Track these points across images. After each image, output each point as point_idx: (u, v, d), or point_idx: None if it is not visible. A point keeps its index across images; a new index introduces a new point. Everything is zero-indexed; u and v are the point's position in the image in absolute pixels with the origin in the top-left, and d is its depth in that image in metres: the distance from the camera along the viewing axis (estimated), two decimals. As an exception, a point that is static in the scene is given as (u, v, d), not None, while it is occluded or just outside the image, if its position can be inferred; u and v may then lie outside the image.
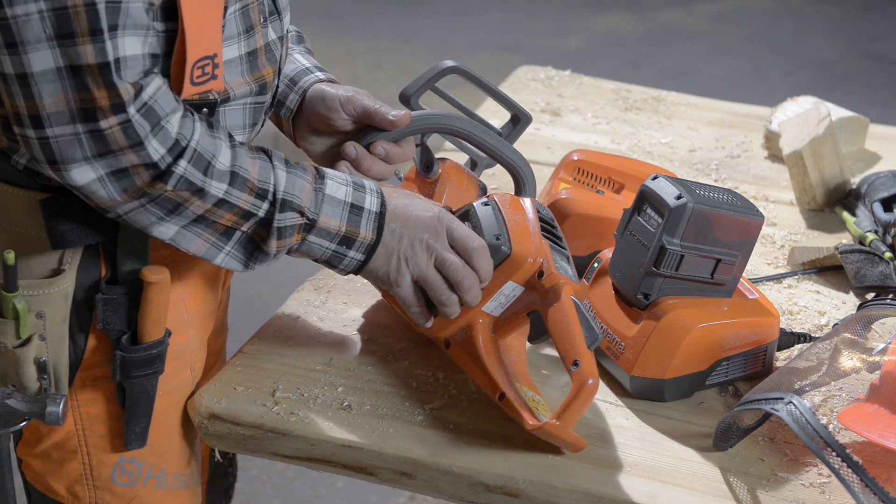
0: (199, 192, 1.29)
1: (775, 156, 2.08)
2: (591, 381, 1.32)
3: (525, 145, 2.09)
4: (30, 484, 1.51)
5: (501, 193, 1.47)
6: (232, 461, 1.76)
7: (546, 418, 1.36)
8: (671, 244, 1.43)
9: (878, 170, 1.98)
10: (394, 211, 1.39)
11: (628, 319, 1.48)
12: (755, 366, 1.51)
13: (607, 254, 1.56)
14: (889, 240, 1.75)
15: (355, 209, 1.37)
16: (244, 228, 1.33)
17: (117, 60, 1.21)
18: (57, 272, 1.36)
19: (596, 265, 1.56)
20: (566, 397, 1.34)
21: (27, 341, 1.36)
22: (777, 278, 1.74)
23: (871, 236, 1.76)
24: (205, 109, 1.36)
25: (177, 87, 1.31)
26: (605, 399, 1.49)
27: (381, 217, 1.38)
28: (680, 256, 1.44)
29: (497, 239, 1.41)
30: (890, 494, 1.26)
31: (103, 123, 1.23)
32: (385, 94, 1.58)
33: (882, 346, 1.48)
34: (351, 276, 1.46)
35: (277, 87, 1.50)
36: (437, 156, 1.59)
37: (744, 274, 1.51)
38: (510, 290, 1.42)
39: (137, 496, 1.48)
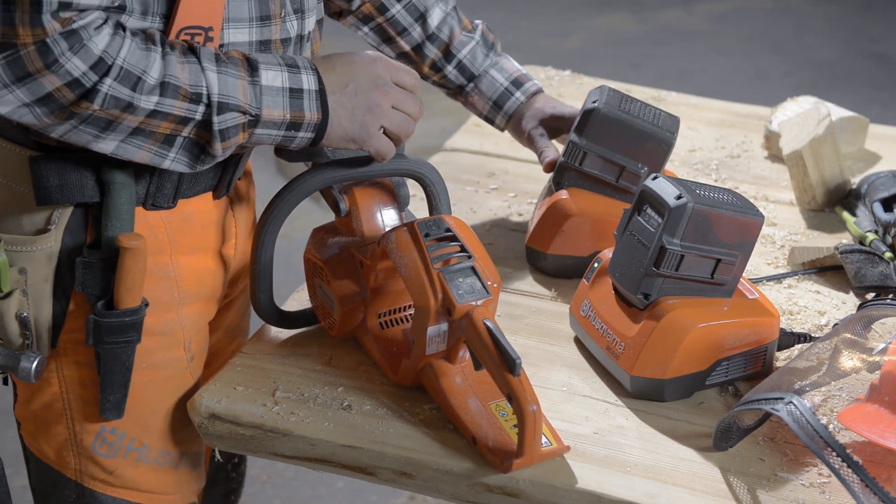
0: (129, 108, 1.28)
1: (775, 156, 2.08)
2: (532, 408, 1.33)
3: (525, 145, 2.10)
4: (27, 448, 1.53)
5: (387, 236, 1.45)
6: (237, 466, 1.75)
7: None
8: (671, 244, 1.43)
9: (878, 170, 1.98)
10: (336, 71, 1.38)
11: (628, 319, 1.48)
12: (755, 366, 1.51)
13: (607, 254, 1.56)
14: (889, 240, 1.75)
15: (295, 93, 1.36)
16: (185, 133, 1.33)
17: (57, 4, 1.22)
18: (42, 231, 1.38)
19: (596, 265, 1.56)
20: (518, 430, 1.35)
21: (8, 295, 1.37)
22: (777, 278, 1.74)
23: (871, 236, 1.76)
24: None
25: None
26: (605, 399, 1.49)
27: (321, 94, 1.37)
28: (680, 256, 1.44)
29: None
30: (890, 494, 1.26)
31: (22, 51, 1.22)
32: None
33: (882, 346, 1.48)
34: None
35: None
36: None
37: (744, 274, 1.51)
38: (435, 332, 1.43)
39: (118, 468, 1.49)
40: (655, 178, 1.47)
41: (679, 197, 1.43)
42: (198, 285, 1.50)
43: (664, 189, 1.45)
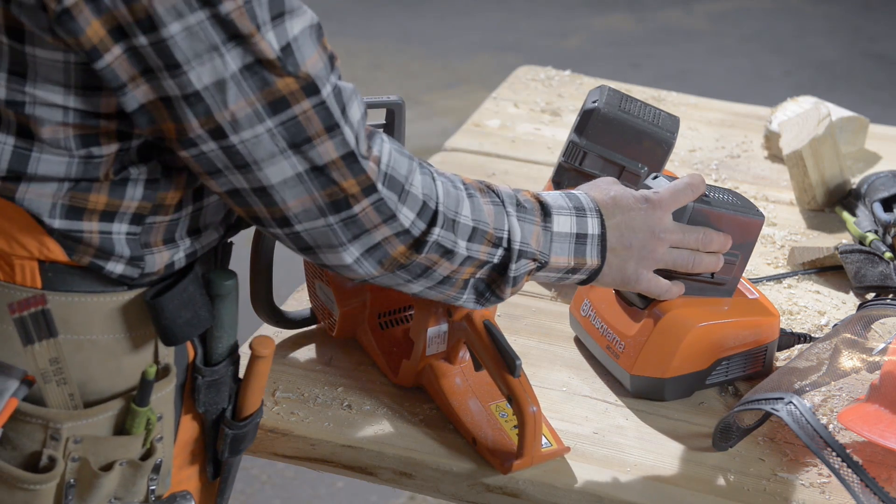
0: (449, 254, 1.25)
1: (775, 156, 2.08)
2: (532, 409, 1.33)
3: (525, 145, 2.10)
4: None
5: None
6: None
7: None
8: None
9: (878, 170, 1.98)
10: (614, 217, 1.37)
11: (628, 319, 1.48)
12: (755, 366, 1.51)
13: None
14: (889, 240, 1.75)
15: (580, 238, 1.35)
16: (479, 276, 1.30)
17: (357, 141, 1.17)
18: (167, 370, 1.23)
19: (596, 265, 1.56)
20: (518, 431, 1.35)
21: (151, 449, 1.24)
22: (777, 278, 1.74)
23: (871, 236, 1.76)
24: None
25: None
26: (605, 399, 1.49)
27: (602, 238, 1.36)
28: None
29: None
30: (890, 494, 1.26)
31: (356, 209, 1.18)
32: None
33: (882, 346, 1.48)
34: None
35: None
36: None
37: (744, 274, 1.51)
38: (435, 332, 1.43)
39: None
40: (655, 177, 1.47)
41: None
42: None
43: None
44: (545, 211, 1.34)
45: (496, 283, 1.31)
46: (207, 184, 1.17)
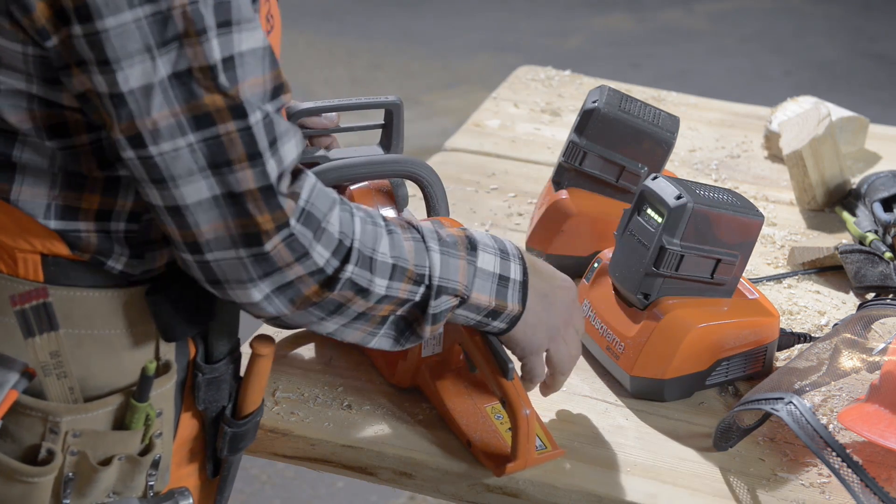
0: (363, 292, 1.21)
1: (775, 156, 2.08)
2: (525, 412, 1.33)
3: (525, 145, 2.10)
4: None
5: None
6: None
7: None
8: (671, 244, 1.43)
9: (878, 170, 1.98)
10: (534, 275, 1.33)
11: (628, 319, 1.48)
12: (755, 366, 1.51)
13: (607, 254, 1.56)
14: (889, 240, 1.75)
15: (503, 280, 1.31)
16: (399, 313, 1.26)
17: (280, 177, 1.14)
18: (167, 367, 1.24)
19: (596, 265, 1.56)
20: (511, 434, 1.34)
21: (150, 444, 1.24)
22: (777, 278, 1.74)
23: (871, 236, 1.76)
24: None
25: None
26: (605, 399, 1.49)
27: (524, 286, 1.32)
28: (680, 256, 1.44)
29: None
30: (890, 494, 1.26)
31: (268, 246, 1.14)
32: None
33: (882, 346, 1.48)
34: None
35: None
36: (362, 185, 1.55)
37: (744, 274, 1.51)
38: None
39: None
40: (655, 178, 1.47)
41: (679, 197, 1.43)
42: None
43: (664, 189, 1.45)
44: (471, 245, 1.30)
45: (417, 321, 1.27)
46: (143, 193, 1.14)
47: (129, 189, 1.17)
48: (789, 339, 1.56)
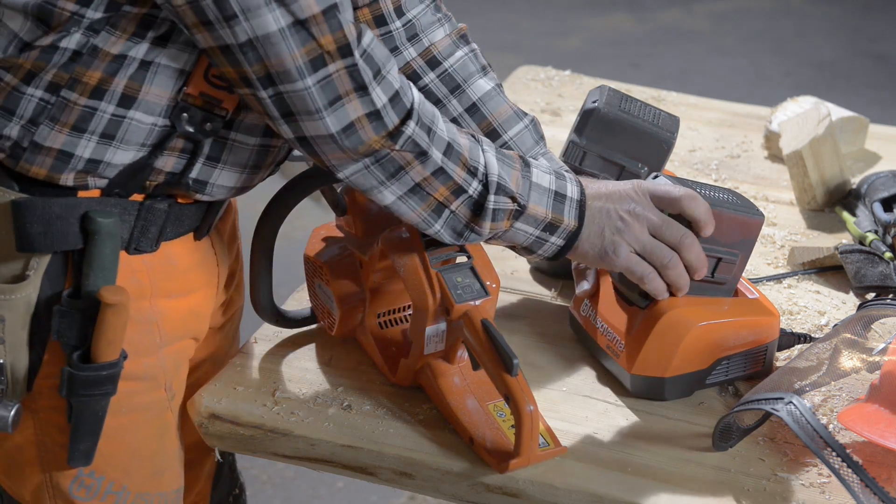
0: (423, 156, 1.30)
1: (775, 156, 2.08)
2: (529, 409, 1.33)
3: (525, 145, 2.10)
4: (1, 487, 1.47)
5: (386, 236, 1.44)
6: (232, 467, 1.74)
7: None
8: None
9: (878, 170, 1.98)
10: (594, 193, 1.40)
11: (628, 318, 1.48)
12: (755, 365, 1.51)
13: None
14: (889, 240, 1.75)
15: (559, 197, 1.38)
16: (453, 207, 1.34)
17: (340, 2, 1.22)
18: (20, 278, 1.31)
19: (596, 265, 1.56)
20: (515, 430, 1.35)
21: None
22: (777, 278, 1.74)
23: (871, 236, 1.76)
24: (207, 125, 1.32)
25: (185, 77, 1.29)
26: (605, 399, 1.49)
27: (581, 205, 1.39)
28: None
29: None
30: (890, 494, 1.26)
31: (331, 67, 1.23)
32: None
33: (882, 346, 1.48)
34: None
35: None
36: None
37: (744, 274, 1.51)
38: (433, 332, 1.42)
39: None
40: (656, 177, 1.47)
41: None
42: (180, 327, 1.45)
43: None
44: (524, 161, 1.38)
45: (474, 220, 1.34)
46: (201, 38, 1.23)
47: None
48: (789, 339, 1.56)
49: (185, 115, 1.30)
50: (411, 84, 1.31)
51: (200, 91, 1.30)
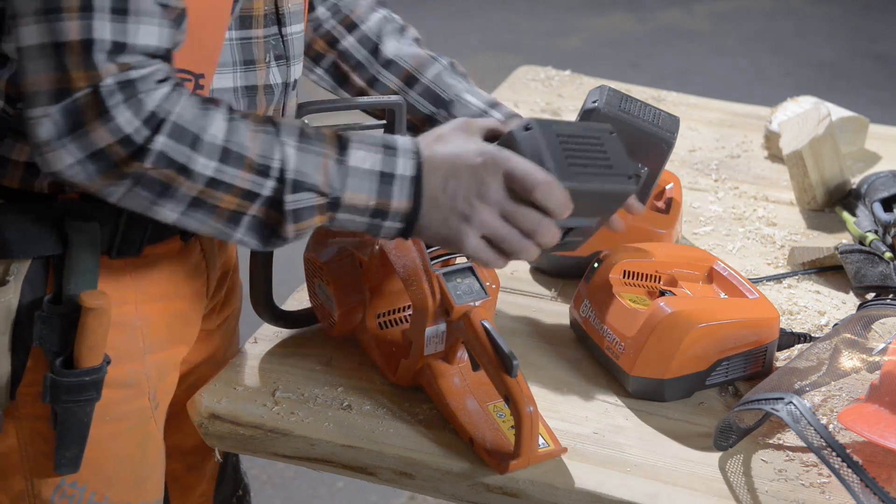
0: (184, 170, 1.18)
1: (775, 156, 2.08)
2: (528, 410, 1.33)
3: (525, 145, 2.09)
4: None
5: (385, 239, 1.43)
6: (236, 468, 1.73)
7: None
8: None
9: (878, 170, 1.98)
10: (438, 165, 1.25)
11: (628, 319, 1.48)
12: (755, 366, 1.51)
13: (608, 254, 1.56)
14: (889, 240, 1.75)
15: (385, 177, 1.24)
16: (252, 212, 1.22)
17: (114, 45, 1.15)
18: (0, 283, 1.30)
19: (596, 265, 1.56)
20: (514, 431, 1.34)
21: None
22: (777, 278, 1.74)
23: (871, 236, 1.76)
24: None
25: None
26: (605, 399, 1.49)
27: (416, 181, 1.25)
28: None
29: None
30: (890, 494, 1.26)
31: (74, 101, 1.15)
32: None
33: (882, 346, 1.48)
34: None
35: None
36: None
37: (744, 274, 1.51)
38: (433, 332, 1.42)
39: None
40: (655, 177, 1.47)
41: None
42: (166, 332, 1.43)
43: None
44: (341, 143, 1.24)
45: (277, 221, 1.23)
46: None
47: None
48: (789, 339, 1.56)
49: None
50: (185, 91, 1.20)
51: None
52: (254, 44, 1.35)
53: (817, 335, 1.59)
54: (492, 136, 1.30)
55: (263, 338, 1.58)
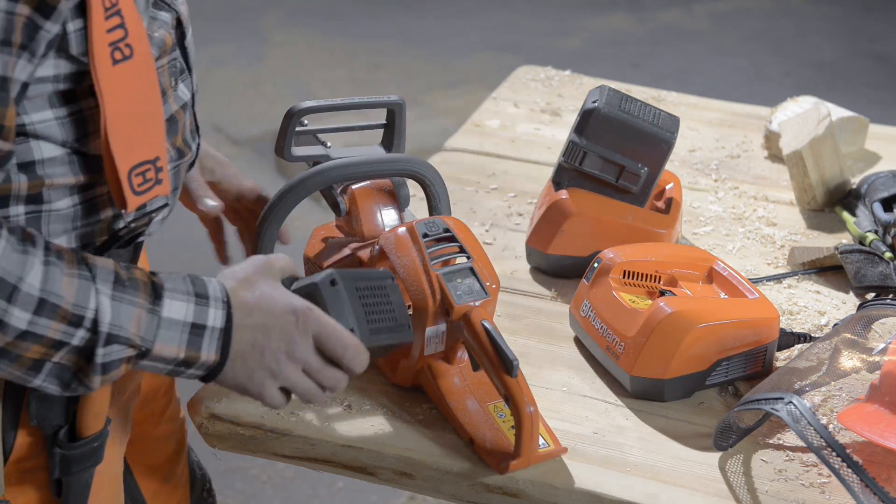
0: None
1: (775, 156, 2.08)
2: (529, 410, 1.32)
3: (525, 145, 2.10)
4: None
5: (386, 236, 1.44)
6: (199, 465, 1.73)
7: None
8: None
9: (878, 170, 1.98)
10: (246, 314, 1.23)
11: (628, 319, 1.48)
12: (755, 366, 1.51)
13: (607, 254, 1.56)
14: (889, 240, 1.75)
15: (196, 329, 1.20)
16: (56, 359, 1.15)
17: None
18: None
19: (596, 265, 1.56)
20: (515, 431, 1.34)
21: None
22: (777, 278, 1.74)
23: (871, 236, 1.76)
24: (154, 216, 1.27)
25: (117, 198, 1.21)
26: (605, 399, 1.49)
27: (226, 333, 1.21)
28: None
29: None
30: (890, 494, 1.26)
31: None
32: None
33: (882, 346, 1.48)
34: None
35: (199, 144, 1.41)
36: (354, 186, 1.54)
37: (744, 274, 1.51)
38: (433, 332, 1.42)
39: None
40: (655, 177, 1.47)
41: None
42: (126, 378, 1.38)
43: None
44: (155, 291, 1.19)
45: (83, 370, 1.17)
46: None
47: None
48: (789, 339, 1.56)
49: None
50: (7, 233, 1.12)
51: (136, 205, 1.24)
52: (161, 73, 1.27)
53: (817, 335, 1.59)
54: (289, 280, 1.30)
55: (263, 338, 1.58)
